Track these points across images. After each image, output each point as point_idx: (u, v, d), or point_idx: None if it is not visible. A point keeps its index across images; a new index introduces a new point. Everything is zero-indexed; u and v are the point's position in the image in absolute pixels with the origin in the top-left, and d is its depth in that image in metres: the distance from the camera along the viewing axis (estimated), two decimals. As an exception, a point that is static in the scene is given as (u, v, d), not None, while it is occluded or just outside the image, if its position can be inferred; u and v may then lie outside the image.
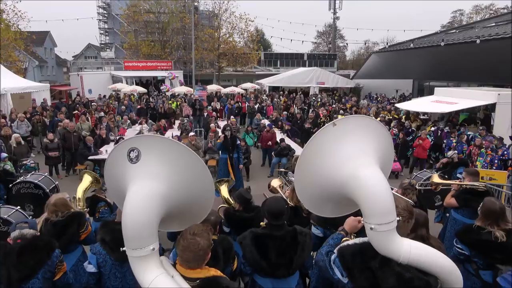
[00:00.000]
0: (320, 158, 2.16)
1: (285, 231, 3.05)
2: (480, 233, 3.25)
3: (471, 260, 3.35)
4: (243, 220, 3.91)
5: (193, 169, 2.19)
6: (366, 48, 53.57)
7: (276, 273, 2.99)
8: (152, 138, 2.23)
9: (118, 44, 41.41)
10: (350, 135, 2.15)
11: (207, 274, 2.12)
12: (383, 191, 2.01)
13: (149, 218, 2.02)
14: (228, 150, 9.21)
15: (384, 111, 17.96)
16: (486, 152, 9.60)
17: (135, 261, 2.02)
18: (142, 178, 2.09)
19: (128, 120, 15.00)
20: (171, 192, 2.13)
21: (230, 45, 36.84)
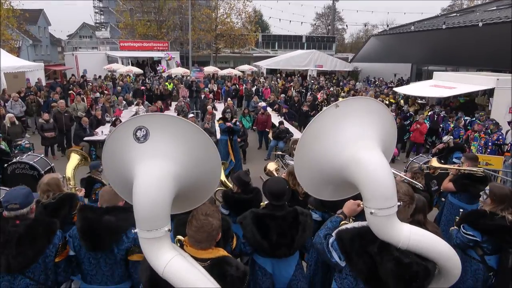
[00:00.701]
0: (321, 140, 2.11)
1: (286, 212, 3.04)
2: (494, 218, 3.22)
3: (479, 245, 3.32)
4: (242, 201, 3.89)
5: (203, 148, 2.14)
6: (366, 31, 52.97)
7: (277, 253, 2.99)
8: (162, 116, 2.14)
9: (114, 23, 40.60)
10: (352, 117, 2.10)
11: (217, 254, 2.13)
12: (385, 175, 1.97)
13: (164, 197, 1.98)
14: (228, 132, 9.25)
15: (382, 95, 17.87)
16: (479, 136, 9.62)
17: (149, 243, 1.96)
18: (152, 157, 2.02)
19: (123, 101, 14.83)
20: (182, 172, 2.07)
21: (228, 26, 36.23)
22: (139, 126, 2.04)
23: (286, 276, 3.12)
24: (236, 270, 2.09)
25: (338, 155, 2.09)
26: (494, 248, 3.28)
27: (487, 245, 3.29)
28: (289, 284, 3.14)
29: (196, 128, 2.13)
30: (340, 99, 10.63)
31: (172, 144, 2.06)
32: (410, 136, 11.76)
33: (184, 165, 2.08)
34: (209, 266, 2.03)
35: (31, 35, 36.51)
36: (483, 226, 3.25)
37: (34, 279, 2.55)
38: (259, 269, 3.16)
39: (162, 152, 2.04)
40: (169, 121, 2.09)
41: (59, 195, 3.50)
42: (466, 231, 3.33)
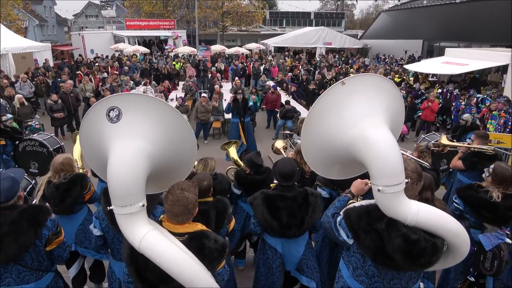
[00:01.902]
0: (327, 118, 2.08)
1: (297, 192, 3.06)
2: (478, 190, 3.31)
3: (464, 216, 3.42)
4: (254, 182, 3.92)
5: (177, 127, 2.17)
6: (376, 7, 51.62)
7: (287, 233, 3.02)
8: (132, 96, 2.14)
9: (119, 2, 40.14)
10: (359, 95, 2.06)
11: (194, 228, 2.16)
12: (392, 152, 1.95)
13: (137, 174, 2.01)
14: (240, 114, 8.90)
15: (393, 72, 17.54)
16: (499, 115, 9.41)
17: (124, 219, 2.02)
18: (125, 137, 2.05)
19: (131, 81, 14.82)
20: (156, 150, 2.11)
21: (235, 3, 35.62)
22: (111, 106, 2.06)
23: (296, 255, 3.17)
24: (215, 242, 2.12)
25: (345, 133, 2.07)
26: (477, 221, 3.35)
27: (469, 216, 3.39)
28: (299, 263, 3.20)
29: (169, 108, 2.15)
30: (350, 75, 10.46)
31: (145, 124, 2.08)
32: (421, 114, 11.61)
33: (157, 144, 2.11)
34: (187, 240, 2.08)
35: (37, 15, 36.35)
36: (465, 196, 3.37)
37: (26, 266, 2.52)
38: (269, 249, 3.21)
39: (134, 131, 2.07)
40: (141, 100, 2.10)
41: (69, 175, 3.55)
42: (455, 199, 3.47)
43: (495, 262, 3.20)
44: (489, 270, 3.24)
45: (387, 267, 2.14)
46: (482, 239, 3.20)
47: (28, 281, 2.55)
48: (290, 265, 3.22)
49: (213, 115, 11.13)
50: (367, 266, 2.21)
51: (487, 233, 3.21)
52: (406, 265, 2.03)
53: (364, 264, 2.22)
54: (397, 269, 2.12)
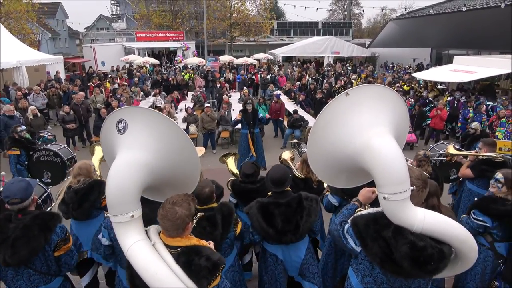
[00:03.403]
0: (333, 128, 2.13)
1: (290, 198, 3.10)
2: (505, 203, 3.20)
3: (488, 232, 3.31)
4: (248, 191, 3.95)
5: (176, 140, 2.25)
6: (383, 16, 51.72)
7: (284, 239, 3.06)
8: (138, 109, 2.26)
9: (130, 14, 40.93)
10: (363, 105, 2.11)
11: (187, 243, 2.14)
12: (397, 160, 1.99)
13: (129, 185, 2.09)
14: (249, 125, 8.76)
15: (402, 81, 17.51)
16: (508, 122, 9.34)
17: (117, 227, 2.11)
18: (127, 147, 2.17)
19: (141, 92, 15.04)
20: (156, 162, 2.19)
21: (243, 14, 36.03)
22: (120, 118, 2.19)
23: (297, 260, 3.20)
24: (206, 260, 2.06)
25: (350, 142, 2.11)
26: (504, 235, 3.26)
27: (497, 231, 3.27)
28: (300, 268, 3.21)
29: (169, 122, 2.23)
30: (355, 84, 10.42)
31: (146, 136, 2.18)
32: (429, 122, 11.56)
33: (157, 155, 2.20)
34: (177, 254, 2.07)
35: (50, 29, 37.19)
36: (494, 212, 3.23)
37: (36, 270, 2.63)
38: (270, 256, 3.25)
39: (136, 143, 2.17)
40: (144, 114, 2.21)
41: (88, 180, 3.68)
42: (476, 216, 3.31)
43: None
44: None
45: (395, 274, 2.15)
46: None
47: (38, 284, 2.66)
48: (293, 270, 3.24)
49: (221, 125, 11.23)
50: (375, 273, 2.23)
51: None
52: (414, 272, 2.05)
53: (373, 272, 2.24)
54: (405, 276, 2.13)
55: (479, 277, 3.37)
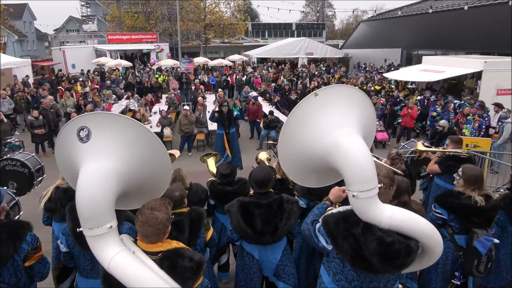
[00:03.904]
0: (303, 128, 2.16)
1: (272, 199, 3.12)
2: (460, 197, 3.34)
3: (448, 224, 3.46)
4: (225, 193, 3.95)
5: (146, 143, 2.17)
6: (355, 17, 52.83)
7: (261, 240, 3.08)
8: (102, 115, 2.14)
9: (100, 16, 39.99)
10: (332, 105, 2.15)
11: (168, 246, 2.13)
12: (365, 159, 2.03)
13: (104, 195, 2.01)
14: (225, 125, 8.86)
15: (374, 81, 17.92)
16: (473, 119, 9.73)
17: (93, 241, 2.00)
18: (94, 157, 2.05)
19: (113, 95, 14.74)
20: (126, 169, 2.10)
21: (217, 15, 35.86)
22: (81, 126, 2.06)
23: (273, 261, 3.23)
24: (189, 261, 2.08)
25: (320, 142, 2.15)
26: (462, 227, 3.40)
27: (454, 223, 3.42)
28: (276, 269, 3.24)
29: (138, 126, 2.14)
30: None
31: (113, 143, 2.08)
32: (401, 121, 11.88)
33: (128, 163, 2.10)
34: (159, 259, 2.05)
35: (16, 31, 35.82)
36: (450, 205, 3.39)
37: (4, 282, 2.50)
38: (247, 255, 3.26)
39: (103, 151, 2.06)
40: (110, 119, 2.09)
41: None
42: (436, 209, 3.48)
43: (489, 264, 3.28)
44: (483, 272, 3.31)
45: (365, 271, 2.20)
46: (477, 246, 3.23)
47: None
48: (268, 270, 3.26)
49: (197, 127, 11.15)
50: (346, 270, 2.27)
51: (478, 238, 3.25)
52: (383, 267, 2.10)
53: (344, 269, 2.28)
54: (375, 272, 2.18)
55: (440, 267, 3.51)
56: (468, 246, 3.36)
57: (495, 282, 3.74)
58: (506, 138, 9.14)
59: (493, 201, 3.34)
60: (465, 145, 7.91)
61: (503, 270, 3.69)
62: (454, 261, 3.47)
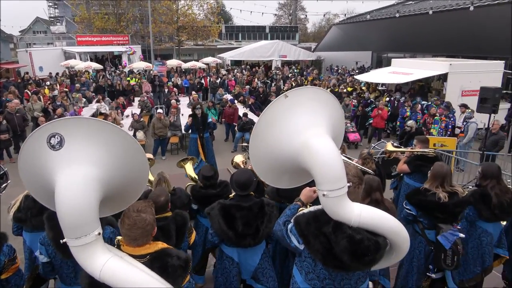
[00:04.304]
0: (273, 130, 2.18)
1: (253, 202, 3.15)
2: (426, 194, 3.49)
3: (418, 220, 3.60)
4: (208, 196, 3.94)
5: (124, 146, 2.12)
6: (327, 20, 53.69)
7: (242, 243, 3.09)
8: (75, 120, 2.04)
9: (69, 17, 38.86)
10: (302, 106, 2.18)
11: (155, 248, 2.13)
12: (334, 159, 2.07)
13: (88, 202, 1.94)
14: (199, 129, 8.72)
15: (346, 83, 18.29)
16: (440, 119, 10.11)
17: (80, 250, 1.93)
18: (71, 164, 1.96)
19: (83, 98, 14.35)
20: (105, 174, 2.05)
21: (190, 17, 35.63)
22: (52, 133, 1.95)
23: (252, 264, 3.24)
24: (177, 259, 2.11)
25: (290, 143, 2.17)
26: (430, 223, 3.55)
27: (423, 219, 3.58)
28: (255, 272, 3.26)
29: (114, 128, 2.09)
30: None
31: (90, 148, 2.00)
32: (372, 122, 12.19)
33: (105, 168, 2.04)
34: (149, 261, 2.04)
35: (-22, 32, 34.33)
36: (416, 201, 3.55)
37: None
38: (227, 259, 3.26)
39: (80, 157, 1.98)
40: (84, 124, 2.01)
41: None
42: (406, 205, 3.65)
43: (455, 258, 3.41)
44: (450, 265, 3.44)
45: (336, 269, 2.24)
46: (441, 240, 3.36)
47: None
48: (246, 273, 3.27)
49: (170, 130, 11.03)
50: (318, 269, 2.30)
51: (443, 233, 3.38)
52: (353, 264, 2.14)
53: (316, 268, 2.31)
54: (346, 269, 2.23)
55: (415, 260, 3.66)
56: (437, 240, 3.50)
57: (464, 275, 3.90)
58: (471, 137, 9.55)
59: (458, 197, 3.48)
60: (433, 144, 8.21)
61: (470, 263, 3.84)
62: (427, 255, 3.62)
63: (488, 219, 3.78)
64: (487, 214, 3.73)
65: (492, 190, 3.70)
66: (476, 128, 9.60)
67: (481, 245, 3.84)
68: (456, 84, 12.76)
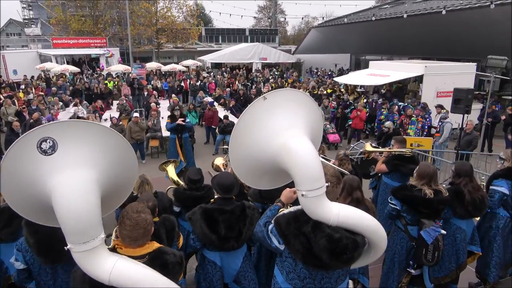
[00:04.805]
0: (252, 132, 2.21)
1: (234, 205, 3.16)
2: (412, 190, 3.60)
3: (401, 215, 3.70)
4: (193, 198, 3.93)
5: (115, 146, 2.11)
6: (306, 23, 54.31)
7: (226, 246, 3.09)
8: (68, 123, 2.00)
9: (45, 19, 37.91)
10: (280, 108, 2.21)
11: (153, 247, 2.18)
12: (312, 159, 2.11)
13: (93, 205, 1.92)
14: (177, 130, 8.97)
15: (325, 85, 18.52)
16: (417, 120, 10.38)
17: (88, 255, 1.88)
18: (67, 168, 1.91)
19: (60, 102, 14.03)
20: (102, 176, 2.04)
21: (169, 20, 35.32)
22: (43, 137, 1.87)
23: (234, 268, 3.24)
24: (174, 256, 2.20)
25: (269, 144, 2.20)
26: (413, 218, 3.64)
27: (406, 214, 3.67)
28: (237, 275, 3.26)
29: (105, 129, 2.08)
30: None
31: (84, 150, 1.97)
32: (351, 123, 12.38)
33: (101, 169, 2.03)
34: (148, 261, 2.08)
35: None
36: (402, 196, 3.65)
37: None
38: (209, 263, 3.25)
39: (76, 160, 1.94)
40: (78, 126, 1.98)
41: None
42: (391, 200, 3.74)
43: (435, 253, 3.51)
44: (431, 261, 3.53)
45: (316, 268, 2.28)
46: (424, 235, 3.47)
47: None
48: (228, 277, 3.27)
49: (150, 133, 10.93)
50: (298, 269, 2.33)
51: (426, 228, 3.48)
52: (332, 263, 2.19)
53: (296, 268, 2.34)
54: (325, 268, 2.27)
55: (397, 256, 3.76)
56: (419, 236, 3.60)
57: (440, 271, 4.01)
58: (446, 137, 9.84)
59: (442, 195, 3.60)
60: (410, 144, 8.42)
61: (445, 260, 3.95)
62: (408, 250, 3.72)
63: (462, 216, 3.91)
64: (461, 211, 3.85)
65: (465, 187, 3.84)
66: (451, 128, 9.89)
67: (456, 242, 3.96)
68: (431, 86, 13.13)
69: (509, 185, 4.16)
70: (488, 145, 11.44)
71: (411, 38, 18.99)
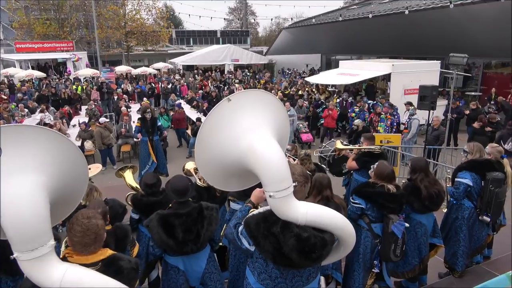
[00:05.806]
0: (217, 134, 2.18)
1: (191, 208, 3.11)
2: (374, 186, 3.66)
3: (365, 214, 3.72)
4: (150, 204, 3.86)
5: (65, 151, 2.05)
6: (277, 25, 54.62)
7: (184, 250, 3.05)
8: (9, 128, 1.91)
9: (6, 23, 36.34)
10: (245, 110, 2.20)
11: (106, 254, 2.14)
12: (278, 160, 2.12)
13: (42, 211, 1.84)
14: (148, 132, 8.94)
15: (296, 85, 18.72)
16: (386, 117, 10.66)
17: (36, 263, 1.79)
18: (11, 173, 1.83)
19: (25, 108, 13.50)
20: (51, 181, 1.96)
21: (138, 22, 34.64)
22: None
23: (198, 270, 3.21)
24: (129, 262, 2.18)
25: (235, 146, 2.19)
26: (377, 215, 3.69)
27: (371, 212, 3.70)
28: (202, 278, 3.23)
29: (53, 133, 2.02)
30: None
31: (30, 155, 1.90)
32: (323, 122, 12.57)
33: (49, 173, 1.96)
34: (102, 267, 2.03)
35: None
36: (366, 193, 3.69)
37: None
38: (171, 269, 3.20)
39: (22, 165, 1.87)
40: (19, 131, 1.90)
41: None
42: (354, 200, 3.75)
43: (403, 247, 3.58)
44: (399, 256, 3.59)
45: (287, 267, 2.29)
46: (394, 229, 3.49)
47: None
48: (194, 280, 3.24)
49: (121, 138, 10.70)
50: (269, 269, 2.34)
51: (394, 223, 3.51)
52: (302, 261, 2.20)
53: (267, 268, 2.35)
54: (296, 267, 2.28)
55: (361, 257, 3.75)
56: (384, 232, 3.66)
57: (404, 267, 4.09)
58: (414, 133, 10.15)
59: (401, 190, 3.71)
60: (379, 141, 8.63)
61: (409, 255, 4.04)
62: (373, 249, 3.74)
63: (420, 211, 4.01)
64: (419, 206, 3.95)
65: (421, 183, 3.93)
66: (418, 124, 10.22)
67: (417, 236, 4.05)
68: (398, 84, 13.48)
69: (473, 177, 4.33)
70: (454, 140, 11.89)
71: (378, 38, 19.49)
